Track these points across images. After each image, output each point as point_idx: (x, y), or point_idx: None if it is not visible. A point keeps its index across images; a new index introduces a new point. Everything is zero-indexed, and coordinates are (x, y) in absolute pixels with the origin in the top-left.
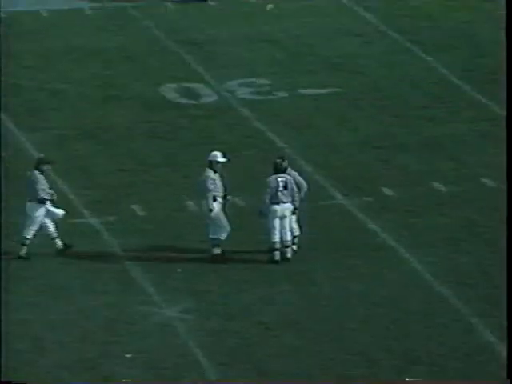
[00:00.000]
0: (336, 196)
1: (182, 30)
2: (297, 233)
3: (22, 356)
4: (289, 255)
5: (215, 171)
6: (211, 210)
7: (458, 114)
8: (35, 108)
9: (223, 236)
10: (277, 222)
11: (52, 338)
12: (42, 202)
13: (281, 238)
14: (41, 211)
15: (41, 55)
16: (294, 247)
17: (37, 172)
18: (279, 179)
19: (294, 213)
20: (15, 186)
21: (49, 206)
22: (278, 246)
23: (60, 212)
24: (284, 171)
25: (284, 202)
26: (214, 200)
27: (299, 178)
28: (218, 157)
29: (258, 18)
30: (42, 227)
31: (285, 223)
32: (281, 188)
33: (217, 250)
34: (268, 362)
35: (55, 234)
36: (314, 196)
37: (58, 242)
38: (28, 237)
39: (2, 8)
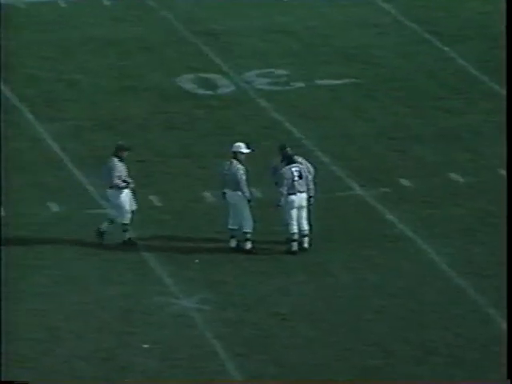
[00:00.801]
0: (353, 187)
1: (199, 20)
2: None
3: (38, 346)
4: (306, 245)
5: (240, 162)
6: (250, 201)
7: (474, 105)
8: (52, 98)
9: (250, 228)
10: (294, 212)
11: (68, 328)
12: (120, 188)
13: (298, 228)
14: (123, 195)
15: (58, 46)
16: (306, 245)
17: (115, 159)
18: (293, 169)
19: (309, 201)
20: (32, 177)
21: (129, 193)
22: (296, 237)
23: (133, 204)
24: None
25: (300, 192)
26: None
27: (305, 162)
28: (242, 148)
29: (275, 9)
30: (109, 212)
31: (302, 213)
32: (296, 178)
33: (249, 245)
34: (284, 353)
35: (127, 227)
36: (331, 187)
37: (126, 235)
38: (125, 222)
39: None
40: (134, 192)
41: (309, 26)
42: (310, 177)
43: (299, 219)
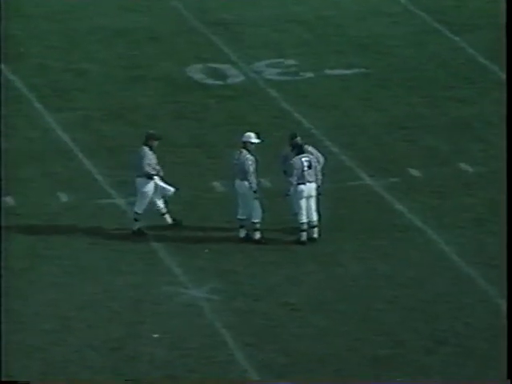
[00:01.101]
0: (363, 177)
1: (209, 10)
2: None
3: (48, 336)
4: (315, 235)
5: (250, 152)
6: (256, 192)
7: (485, 95)
8: (61, 88)
9: (259, 218)
10: (303, 202)
11: (79, 317)
12: (149, 177)
13: (307, 218)
14: (150, 186)
15: (67, 35)
16: (315, 235)
17: (146, 147)
18: (303, 159)
19: (317, 191)
20: (42, 167)
21: (158, 181)
22: (305, 227)
23: (171, 189)
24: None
25: (310, 182)
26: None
27: (315, 151)
28: (252, 138)
29: None
30: (151, 203)
31: (311, 203)
32: (306, 168)
33: (258, 235)
34: (294, 343)
35: (164, 210)
36: (341, 177)
37: (168, 219)
38: (139, 212)
39: None
40: (163, 179)
41: (322, 16)
42: (319, 167)
43: (308, 209)
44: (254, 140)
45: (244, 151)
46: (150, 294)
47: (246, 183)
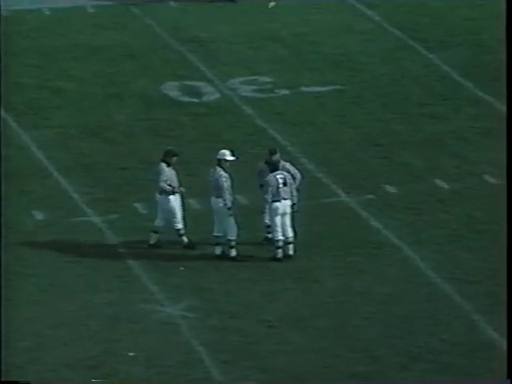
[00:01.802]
0: (338, 193)
1: (183, 28)
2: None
3: (25, 354)
4: (291, 252)
5: (224, 169)
6: (230, 209)
7: (459, 111)
8: (37, 106)
9: (234, 236)
10: (278, 219)
11: (55, 335)
12: (168, 193)
13: (283, 234)
14: (172, 201)
15: (43, 53)
16: (291, 252)
17: (163, 164)
18: (278, 176)
19: (292, 208)
20: (17, 185)
21: (178, 198)
22: (280, 244)
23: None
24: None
25: (285, 199)
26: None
27: (292, 168)
28: (227, 155)
29: (260, 16)
30: (169, 221)
31: (286, 220)
32: (281, 185)
33: (234, 252)
34: (271, 360)
35: (182, 231)
36: (316, 193)
37: (184, 239)
38: (179, 227)
39: (5, 6)
40: (182, 197)
41: (296, 33)
42: (295, 184)
43: (283, 226)
44: (229, 157)
45: (218, 168)
46: (127, 312)
47: (221, 200)
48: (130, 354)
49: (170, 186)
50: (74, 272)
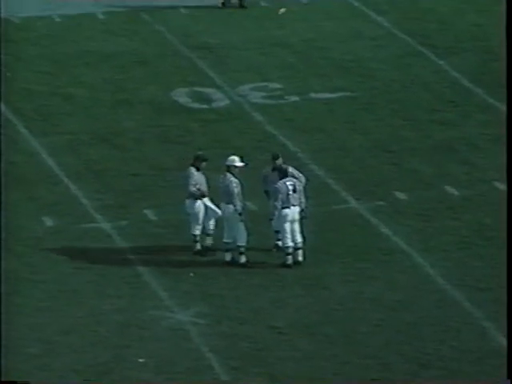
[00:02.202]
0: (348, 200)
1: (194, 34)
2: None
3: (34, 360)
4: (300, 258)
5: (234, 175)
6: (241, 214)
7: (469, 118)
8: (47, 113)
9: (244, 242)
10: (288, 226)
11: (64, 342)
12: (196, 197)
13: (292, 241)
14: (198, 207)
15: (53, 60)
16: (300, 258)
17: (192, 168)
18: (288, 183)
19: (301, 214)
20: (27, 191)
21: (207, 202)
22: (290, 250)
23: (218, 211)
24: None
25: (294, 205)
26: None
27: (296, 171)
28: (236, 161)
29: (270, 22)
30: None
31: (295, 226)
32: (291, 192)
33: (244, 258)
34: (280, 366)
35: (211, 232)
36: (326, 200)
37: (208, 240)
38: (196, 233)
39: (16, 13)
40: (212, 200)
41: (305, 39)
42: (302, 189)
43: (293, 232)
44: (238, 164)
45: (228, 174)
46: (136, 318)
47: (231, 206)
48: (140, 360)
49: (198, 190)
50: (83, 278)
